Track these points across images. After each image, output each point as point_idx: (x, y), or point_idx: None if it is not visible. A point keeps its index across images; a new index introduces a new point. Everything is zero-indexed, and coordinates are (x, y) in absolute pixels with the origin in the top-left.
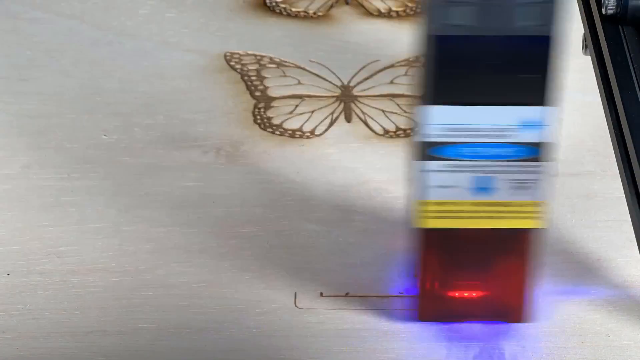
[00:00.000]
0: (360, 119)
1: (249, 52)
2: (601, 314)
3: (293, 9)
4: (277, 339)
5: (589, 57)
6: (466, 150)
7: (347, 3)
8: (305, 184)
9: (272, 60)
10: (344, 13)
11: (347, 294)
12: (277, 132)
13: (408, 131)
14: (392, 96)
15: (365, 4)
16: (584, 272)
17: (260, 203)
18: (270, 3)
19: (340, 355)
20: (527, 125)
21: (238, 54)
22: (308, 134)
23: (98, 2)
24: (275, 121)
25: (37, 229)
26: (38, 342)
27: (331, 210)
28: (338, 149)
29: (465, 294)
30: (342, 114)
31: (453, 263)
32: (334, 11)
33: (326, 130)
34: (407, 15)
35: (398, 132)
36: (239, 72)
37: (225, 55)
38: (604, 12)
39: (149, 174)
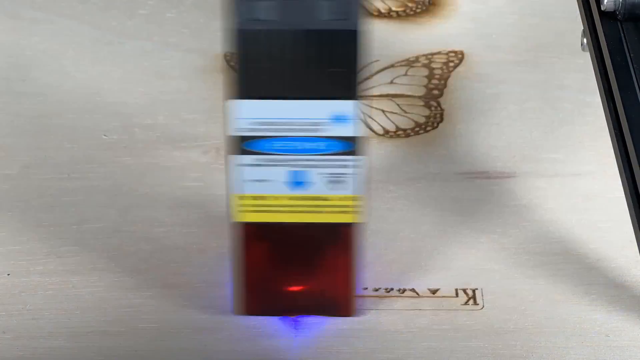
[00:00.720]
0: (360, 119)
1: None
2: (601, 314)
3: None
4: (277, 339)
5: (589, 57)
6: (279, 144)
7: None
8: None
9: None
10: None
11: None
12: None
13: (408, 131)
14: (392, 96)
15: (365, 4)
16: (584, 272)
17: None
18: None
19: (340, 355)
20: (338, 119)
21: None
22: None
23: (98, 2)
24: None
25: (37, 229)
26: (38, 342)
27: None
28: None
29: (288, 288)
30: None
31: (274, 257)
32: None
33: None
34: (407, 15)
35: (398, 132)
36: None
37: (225, 56)
38: (602, 8)
39: (149, 174)
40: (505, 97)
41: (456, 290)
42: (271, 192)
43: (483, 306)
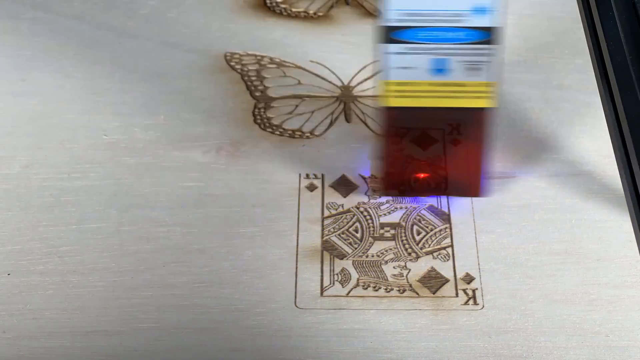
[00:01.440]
0: (360, 119)
1: (249, 52)
2: (601, 314)
3: (293, 9)
4: (277, 339)
5: (589, 57)
6: (423, 34)
7: (347, 3)
8: (305, 184)
9: (272, 61)
10: (344, 13)
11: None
12: (277, 132)
13: None
14: None
15: (365, 4)
16: (584, 272)
17: (260, 203)
18: (271, 3)
19: (340, 355)
20: (478, 10)
21: (238, 54)
22: (308, 134)
23: (98, 2)
24: (275, 121)
25: (37, 229)
26: (38, 342)
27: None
28: (338, 149)
29: (424, 170)
30: (342, 114)
31: (414, 140)
32: (334, 11)
33: (326, 130)
34: None
35: None
36: (239, 72)
37: (225, 56)
38: None
39: (149, 174)
40: (505, 97)
41: (456, 290)
42: (414, 78)
43: (483, 306)
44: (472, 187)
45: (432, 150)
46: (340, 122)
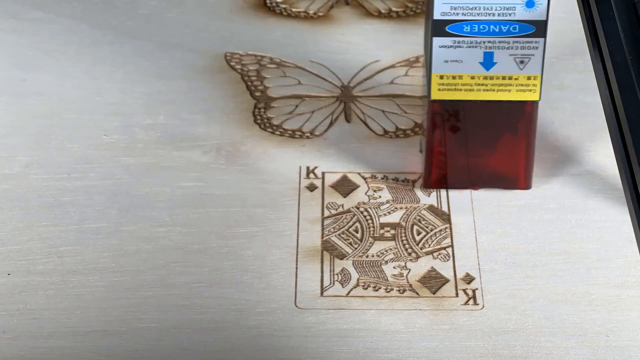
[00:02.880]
0: (360, 119)
1: (249, 52)
2: (601, 314)
3: (293, 9)
4: (277, 339)
5: (589, 57)
6: (475, 27)
7: (347, 3)
8: (305, 184)
9: (272, 61)
10: (344, 13)
11: (348, 294)
12: (277, 132)
13: (408, 131)
14: (392, 96)
15: (365, 4)
16: (584, 272)
17: (260, 203)
18: (271, 3)
19: (340, 355)
20: (527, 4)
21: (238, 54)
22: (308, 134)
23: (98, 2)
24: (275, 121)
25: (37, 229)
26: (38, 342)
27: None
28: (338, 149)
29: (471, 163)
30: (342, 114)
31: (463, 133)
32: (334, 11)
33: (326, 130)
34: (407, 15)
35: (398, 133)
36: (239, 72)
37: (225, 56)
38: None
39: (149, 174)
40: None
41: (456, 290)
42: (466, 71)
43: (483, 306)
44: (519, 179)
45: (479, 143)
46: (340, 122)
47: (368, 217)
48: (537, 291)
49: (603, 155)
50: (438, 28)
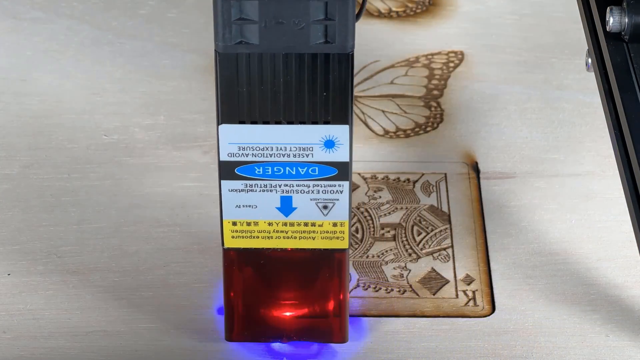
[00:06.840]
0: (360, 119)
1: None
2: (601, 314)
3: None
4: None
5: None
6: (270, 169)
7: None
8: None
9: None
10: None
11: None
12: None
13: (408, 131)
14: (392, 96)
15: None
16: (584, 272)
17: None
18: None
19: (341, 355)
20: (329, 143)
21: None
22: None
23: (98, 2)
24: None
25: (37, 229)
26: (38, 342)
27: None
28: None
29: (279, 314)
30: None
31: (264, 283)
32: None
33: None
34: (407, 15)
35: (398, 133)
36: None
37: None
38: (607, 29)
39: (149, 174)
40: (505, 97)
41: (456, 291)
42: (262, 217)
43: (483, 307)
44: (333, 332)
45: (285, 293)
46: None
47: (368, 218)
48: (537, 291)
49: (603, 155)
50: (226, 170)
